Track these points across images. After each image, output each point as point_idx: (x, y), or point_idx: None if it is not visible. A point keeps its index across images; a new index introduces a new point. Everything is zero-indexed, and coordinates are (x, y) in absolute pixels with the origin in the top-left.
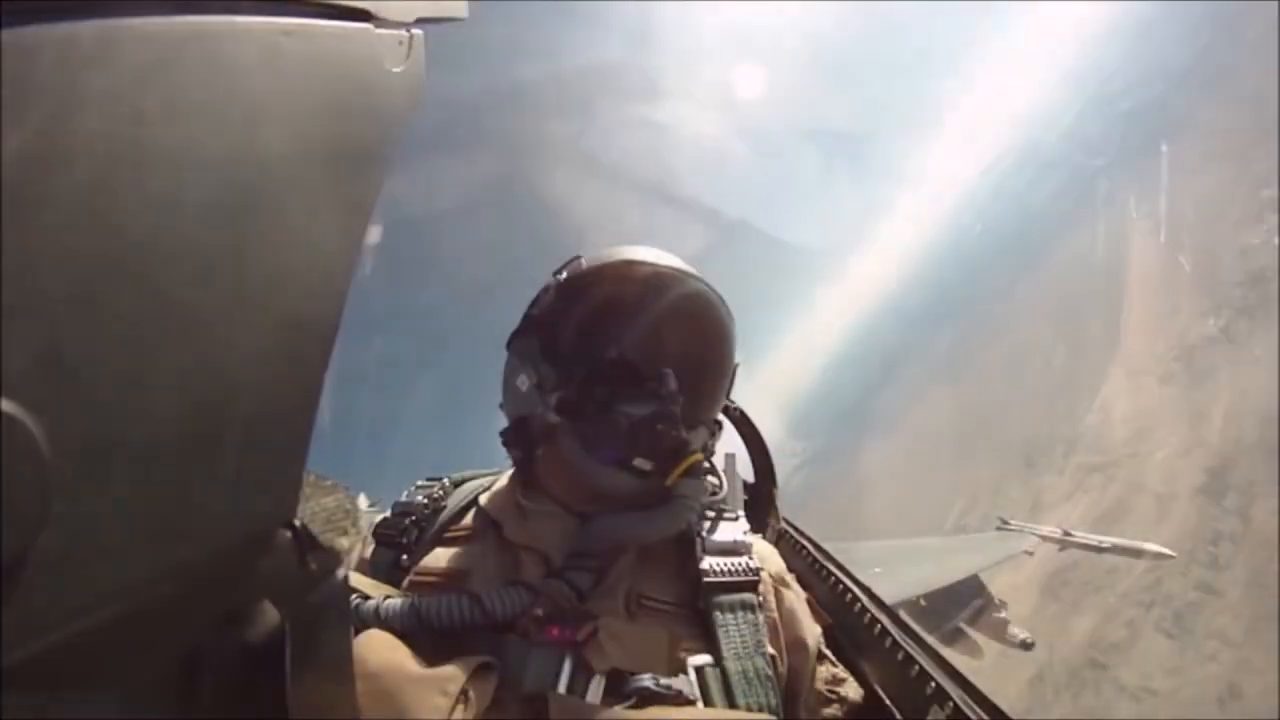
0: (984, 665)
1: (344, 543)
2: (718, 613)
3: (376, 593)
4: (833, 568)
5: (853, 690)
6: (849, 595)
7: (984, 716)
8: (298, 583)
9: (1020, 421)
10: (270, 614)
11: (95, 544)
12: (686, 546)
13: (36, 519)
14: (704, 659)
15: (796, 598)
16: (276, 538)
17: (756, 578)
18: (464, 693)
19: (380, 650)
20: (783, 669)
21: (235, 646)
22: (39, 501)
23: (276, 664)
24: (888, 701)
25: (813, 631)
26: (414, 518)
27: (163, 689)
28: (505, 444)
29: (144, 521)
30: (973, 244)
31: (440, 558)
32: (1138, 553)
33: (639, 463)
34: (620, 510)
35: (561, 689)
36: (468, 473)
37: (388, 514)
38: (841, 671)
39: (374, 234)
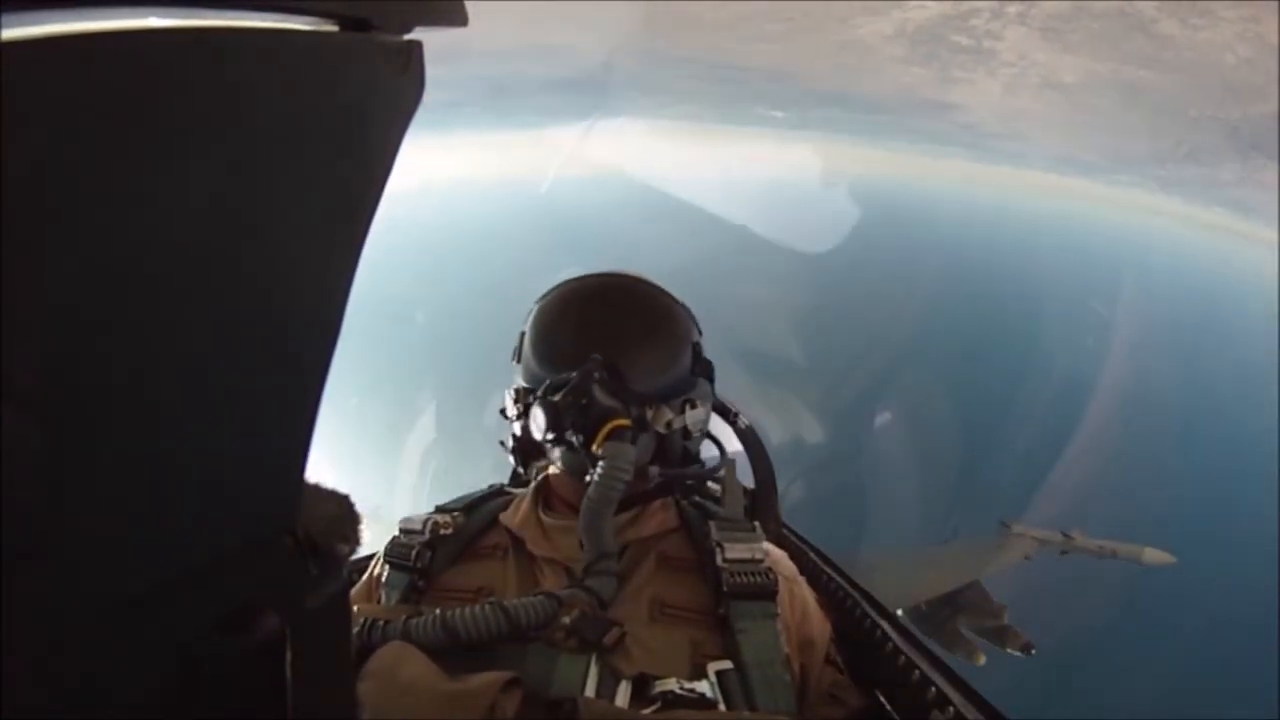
0: None
1: (344, 549)
2: (738, 620)
3: (395, 616)
4: (833, 572)
5: (854, 696)
6: (849, 600)
7: None
8: (298, 587)
9: None
10: (270, 618)
11: (96, 546)
12: (707, 556)
13: (38, 520)
14: (725, 664)
15: (807, 596)
16: (277, 542)
17: (776, 587)
18: (492, 707)
19: (410, 664)
20: (795, 669)
21: (235, 650)
22: (40, 503)
23: (276, 668)
24: (889, 707)
25: (822, 630)
26: (426, 539)
27: (163, 690)
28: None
29: (145, 524)
30: None
31: (464, 574)
32: (1138, 558)
33: (570, 436)
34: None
35: (589, 694)
36: (475, 494)
37: (397, 534)
38: (845, 678)
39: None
